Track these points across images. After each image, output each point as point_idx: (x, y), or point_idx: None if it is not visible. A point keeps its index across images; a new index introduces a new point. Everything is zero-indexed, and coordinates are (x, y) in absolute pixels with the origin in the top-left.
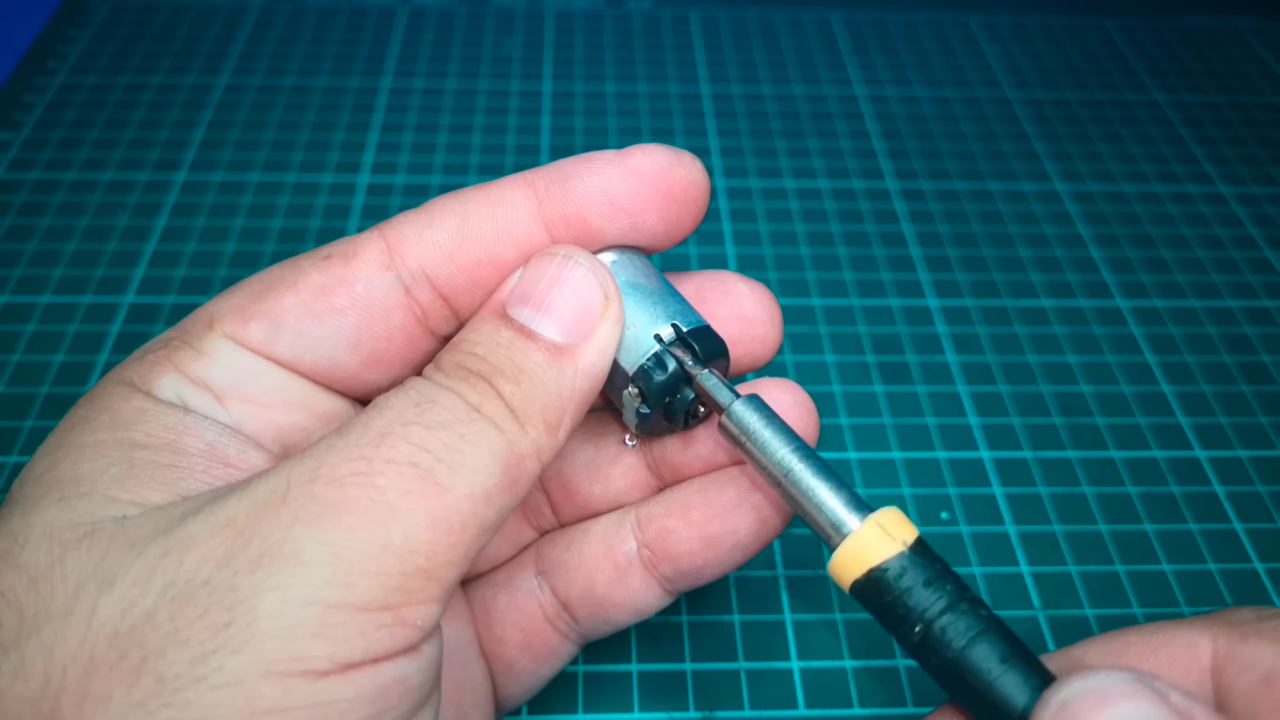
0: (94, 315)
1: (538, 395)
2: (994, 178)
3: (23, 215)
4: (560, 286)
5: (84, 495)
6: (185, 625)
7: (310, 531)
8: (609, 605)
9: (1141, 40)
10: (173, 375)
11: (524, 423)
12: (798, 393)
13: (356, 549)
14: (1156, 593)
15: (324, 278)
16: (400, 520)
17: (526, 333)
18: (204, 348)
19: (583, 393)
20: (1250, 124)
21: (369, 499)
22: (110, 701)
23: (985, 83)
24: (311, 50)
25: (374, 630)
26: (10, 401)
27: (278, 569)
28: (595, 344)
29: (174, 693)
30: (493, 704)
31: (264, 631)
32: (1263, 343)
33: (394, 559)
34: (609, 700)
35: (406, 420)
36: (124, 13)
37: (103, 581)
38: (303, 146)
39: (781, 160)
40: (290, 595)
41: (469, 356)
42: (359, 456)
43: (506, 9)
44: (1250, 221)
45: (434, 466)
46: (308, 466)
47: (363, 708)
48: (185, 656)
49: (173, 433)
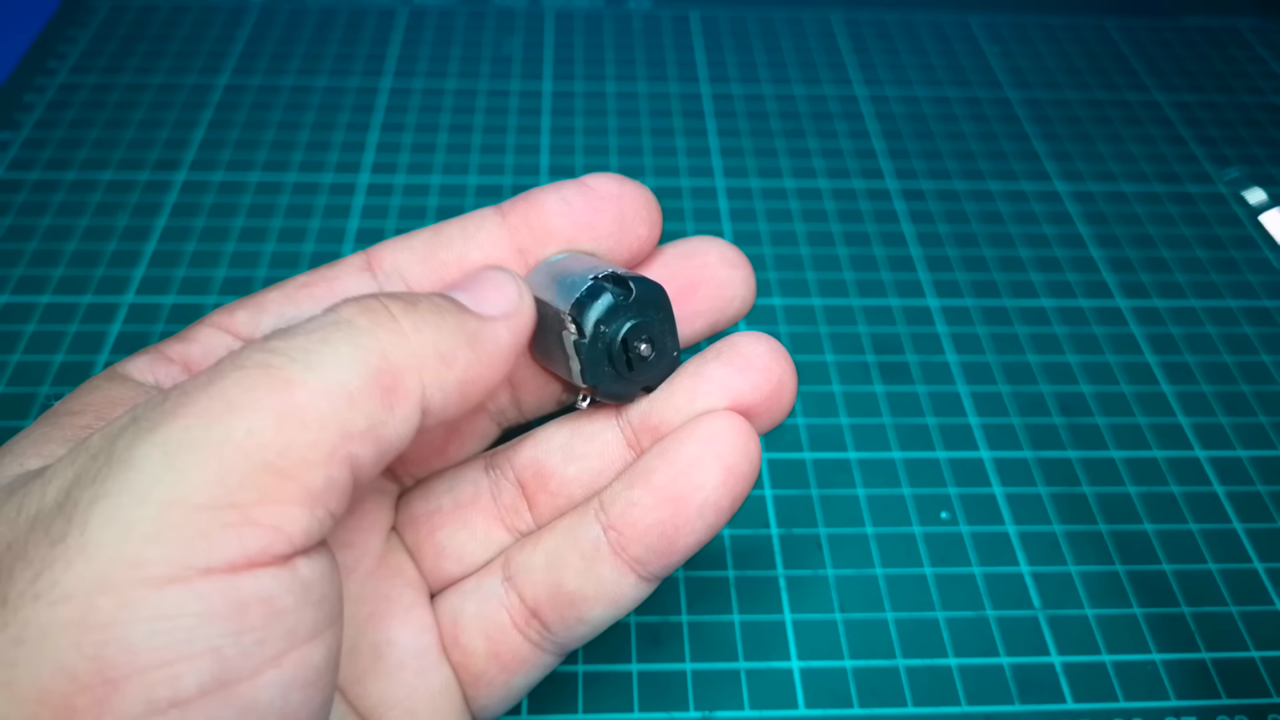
0: (94, 315)
1: (433, 320)
2: (994, 178)
3: (23, 215)
4: (483, 277)
5: (7, 455)
6: (32, 546)
7: (148, 438)
8: (581, 601)
9: (1141, 40)
10: (147, 356)
11: (409, 335)
12: (769, 342)
13: (190, 445)
14: (1156, 593)
15: (307, 277)
16: (241, 415)
17: (439, 294)
18: (188, 336)
19: (485, 351)
20: (1250, 124)
21: (207, 397)
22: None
23: (985, 83)
24: (311, 50)
25: (218, 530)
26: (10, 401)
27: (112, 476)
28: (507, 321)
29: (14, 612)
30: (465, 715)
31: (96, 540)
32: (1263, 343)
33: (235, 453)
34: (609, 700)
35: (271, 334)
36: (124, 13)
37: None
38: (303, 146)
39: (781, 160)
40: (122, 500)
41: (371, 294)
42: (211, 369)
43: (506, 9)
44: (1250, 221)
45: (285, 365)
46: (168, 390)
47: (215, 624)
48: (27, 575)
49: (107, 401)
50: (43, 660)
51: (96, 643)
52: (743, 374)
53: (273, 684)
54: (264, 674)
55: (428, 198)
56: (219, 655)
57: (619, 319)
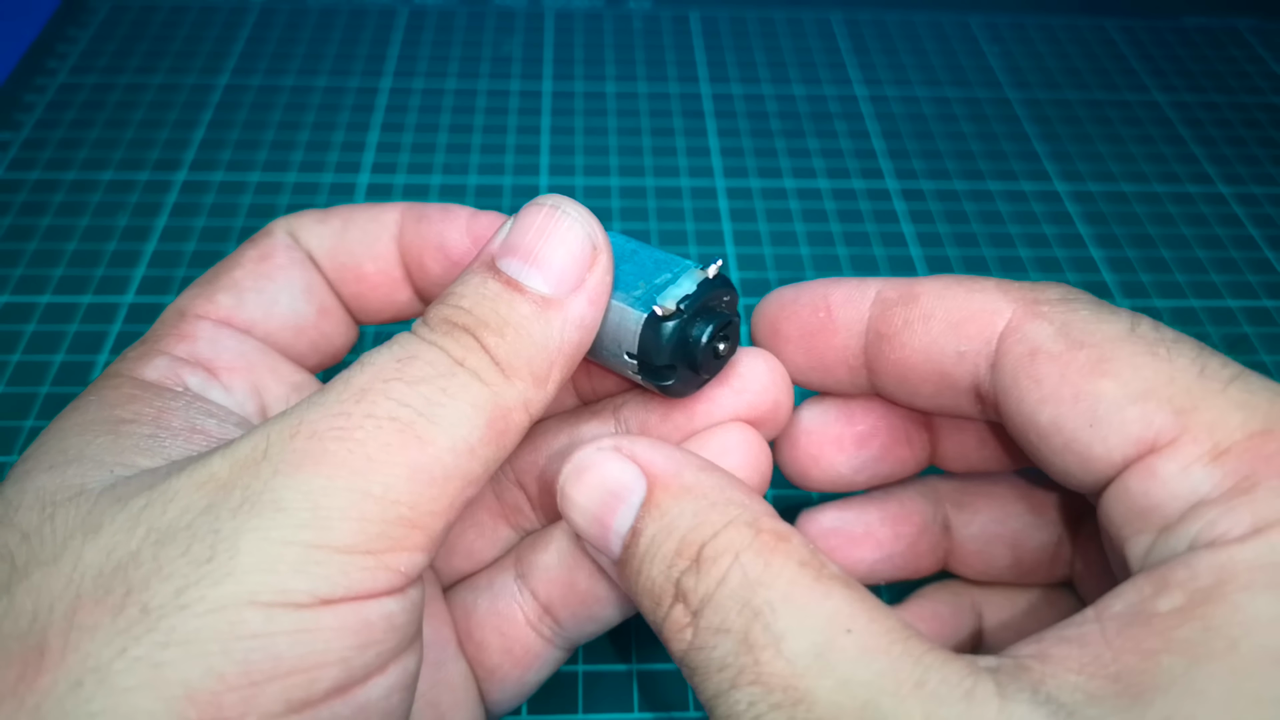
0: (94, 315)
1: (524, 347)
2: (994, 178)
3: (23, 215)
4: (548, 237)
5: (73, 462)
6: (168, 562)
7: (289, 482)
8: (593, 601)
9: (1141, 40)
10: (163, 359)
11: (510, 375)
12: (767, 360)
13: (335, 496)
14: None
15: (257, 250)
16: (379, 472)
17: (514, 284)
18: (183, 332)
19: (571, 344)
20: (1250, 124)
21: (347, 451)
22: (96, 631)
23: (985, 83)
24: (311, 50)
25: (356, 571)
26: (10, 401)
27: (257, 513)
28: (584, 293)
29: (158, 619)
30: (480, 707)
31: (244, 565)
32: (1263, 343)
33: (374, 506)
34: (609, 700)
35: (387, 376)
36: (124, 13)
37: (89, 530)
38: (303, 146)
39: (781, 160)
40: (270, 535)
41: (455, 310)
42: (339, 412)
43: (506, 9)
44: (1250, 221)
45: (414, 420)
46: (289, 423)
47: (347, 637)
48: (169, 588)
49: (156, 410)
50: (192, 662)
51: (245, 649)
52: (740, 395)
53: (379, 686)
54: (373, 679)
55: (427, 198)
56: (346, 664)
57: (706, 321)
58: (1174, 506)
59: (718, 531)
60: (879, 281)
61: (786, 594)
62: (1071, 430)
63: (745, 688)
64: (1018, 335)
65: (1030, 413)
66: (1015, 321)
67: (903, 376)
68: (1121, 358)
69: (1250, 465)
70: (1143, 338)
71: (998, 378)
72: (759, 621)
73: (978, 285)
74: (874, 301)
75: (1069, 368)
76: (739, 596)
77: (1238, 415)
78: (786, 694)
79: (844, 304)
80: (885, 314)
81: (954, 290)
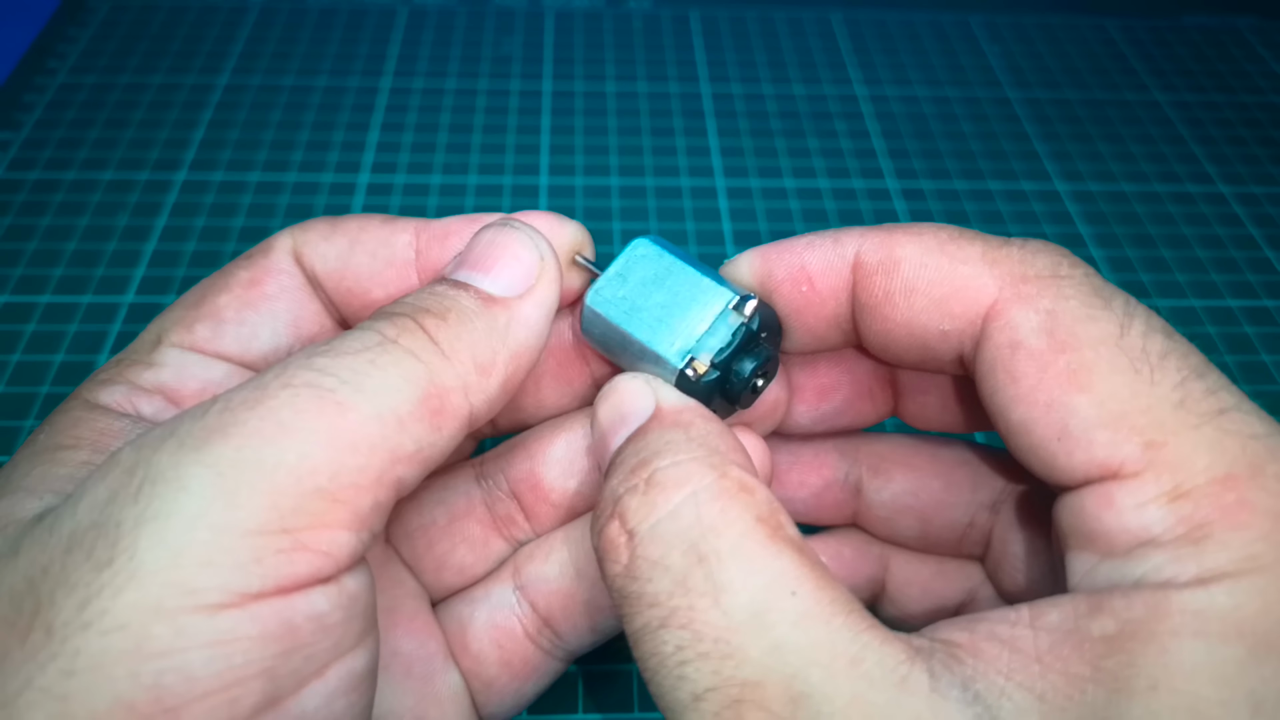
0: (94, 315)
1: (465, 332)
2: (994, 178)
3: (23, 215)
4: (496, 248)
5: (5, 495)
6: (74, 569)
7: (194, 456)
8: (595, 612)
9: (1141, 40)
10: (121, 386)
11: (449, 356)
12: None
13: (243, 468)
14: None
15: (249, 273)
16: (293, 438)
17: (460, 285)
18: (153, 359)
19: (518, 341)
20: (1250, 124)
21: (258, 419)
22: (5, 660)
23: (985, 83)
24: (311, 50)
25: (270, 555)
26: (10, 401)
27: (158, 495)
28: (531, 298)
29: (62, 642)
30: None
31: (146, 565)
32: (1263, 343)
33: (287, 477)
34: (609, 700)
35: (312, 352)
36: (124, 13)
37: (9, 555)
38: (303, 146)
39: (781, 160)
40: (172, 523)
41: (398, 304)
42: (255, 385)
43: (506, 9)
44: (1250, 221)
45: (336, 388)
46: (203, 405)
47: (268, 644)
48: (72, 602)
49: (98, 434)
50: (98, 692)
51: (154, 671)
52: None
53: (317, 694)
54: (308, 686)
55: (428, 197)
56: (272, 674)
57: (745, 360)
58: (1123, 540)
59: (679, 462)
60: (856, 237)
61: (736, 545)
62: (1040, 437)
63: (675, 630)
64: (1001, 321)
65: (1003, 407)
66: (1001, 305)
67: (885, 345)
68: (1101, 371)
69: (1206, 513)
70: (1128, 350)
71: (979, 359)
72: (702, 567)
73: (961, 252)
74: (854, 264)
75: (1047, 371)
76: (687, 536)
77: (1205, 457)
78: (716, 646)
79: (824, 273)
80: (866, 281)
81: (936, 259)
